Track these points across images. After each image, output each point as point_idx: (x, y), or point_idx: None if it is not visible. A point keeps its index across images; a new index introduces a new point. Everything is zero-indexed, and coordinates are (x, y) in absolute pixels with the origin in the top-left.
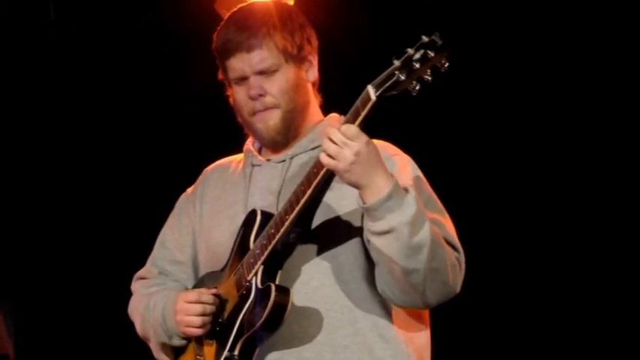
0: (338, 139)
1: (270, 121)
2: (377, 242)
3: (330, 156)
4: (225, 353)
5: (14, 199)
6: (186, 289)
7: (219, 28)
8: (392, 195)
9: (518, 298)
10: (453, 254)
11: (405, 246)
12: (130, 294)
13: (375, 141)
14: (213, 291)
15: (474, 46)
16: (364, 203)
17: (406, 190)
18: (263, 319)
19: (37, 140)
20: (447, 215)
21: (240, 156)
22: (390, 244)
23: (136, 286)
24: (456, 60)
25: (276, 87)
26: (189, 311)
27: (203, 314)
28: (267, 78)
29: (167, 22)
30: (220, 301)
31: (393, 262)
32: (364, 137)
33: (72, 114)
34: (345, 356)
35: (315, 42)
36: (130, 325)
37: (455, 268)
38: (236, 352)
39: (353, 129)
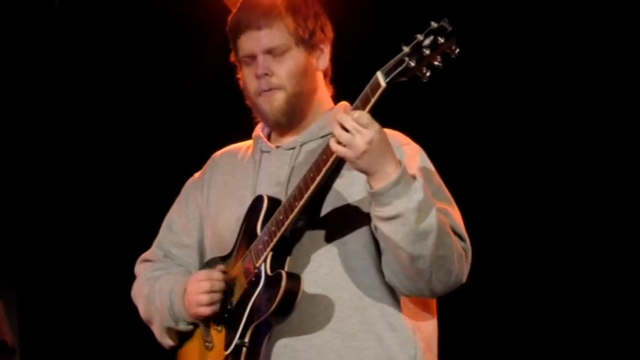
0: (351, 126)
1: (275, 102)
2: (384, 228)
3: (340, 143)
4: (236, 340)
5: (19, 186)
6: (191, 273)
7: (233, 11)
8: (399, 181)
9: (524, 289)
10: (460, 244)
11: (411, 232)
12: (134, 278)
13: (386, 129)
14: (222, 267)
15: (484, 33)
16: (371, 188)
17: (414, 177)
18: (274, 306)
19: (42, 128)
20: (454, 205)
21: (249, 142)
22: (397, 230)
23: (139, 269)
24: (466, 49)
25: (283, 69)
26: (199, 289)
27: (212, 291)
28: (275, 59)
29: (174, 9)
30: (229, 287)
31: (399, 248)
32: (376, 125)
33: (78, 101)
34: (354, 344)
35: (329, 32)
36: (135, 309)
37: (461, 257)
38: (246, 339)
39: (365, 116)
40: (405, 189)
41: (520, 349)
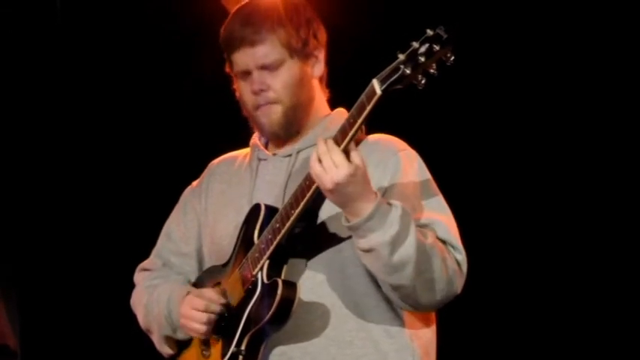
0: (325, 162)
1: (273, 115)
2: (362, 259)
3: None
4: (232, 349)
5: (20, 188)
6: (189, 282)
7: (226, 21)
8: (373, 215)
9: (524, 295)
10: (452, 257)
11: (385, 265)
12: (133, 286)
13: (383, 135)
14: (223, 301)
15: (480, 40)
16: (347, 222)
17: (390, 204)
18: (270, 314)
19: (42, 129)
20: (449, 214)
21: (246, 150)
22: (373, 263)
23: (138, 277)
24: (461, 55)
25: (279, 82)
26: (194, 318)
27: (208, 323)
28: (270, 73)
29: (174, 13)
30: (225, 297)
31: (378, 277)
32: (348, 167)
33: (77, 105)
34: (350, 351)
35: (322, 37)
36: (134, 317)
37: (454, 273)
38: (243, 348)
39: (338, 156)
40: (379, 223)
41: (520, 355)
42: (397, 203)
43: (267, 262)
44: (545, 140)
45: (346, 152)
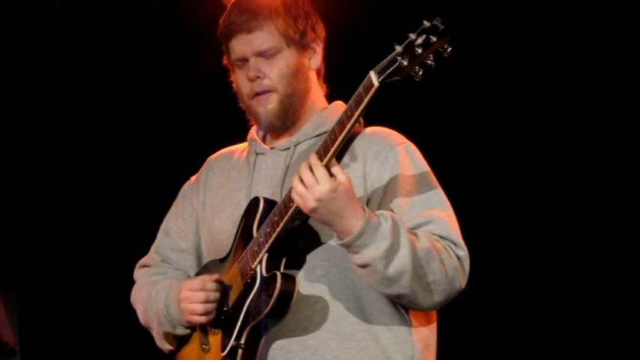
0: (306, 179)
1: (269, 104)
2: (359, 272)
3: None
4: (232, 342)
5: (20, 188)
6: (189, 277)
7: (225, 13)
8: (363, 232)
9: (523, 290)
10: (452, 255)
11: (382, 278)
12: (133, 282)
13: (380, 128)
14: (216, 277)
15: (477, 32)
16: (339, 240)
17: (379, 216)
18: (269, 307)
19: (42, 128)
20: (449, 209)
21: (244, 145)
22: (370, 277)
23: (138, 274)
24: (459, 47)
25: (275, 70)
26: (193, 299)
27: (207, 301)
28: (266, 61)
29: (172, 11)
30: (224, 290)
31: (378, 289)
32: (329, 184)
33: (76, 103)
34: (350, 344)
35: (321, 31)
36: (134, 313)
37: (455, 270)
38: (242, 341)
39: (321, 172)
40: (371, 238)
41: (520, 350)
42: (386, 214)
43: (266, 255)
44: (544, 135)
45: (329, 169)
